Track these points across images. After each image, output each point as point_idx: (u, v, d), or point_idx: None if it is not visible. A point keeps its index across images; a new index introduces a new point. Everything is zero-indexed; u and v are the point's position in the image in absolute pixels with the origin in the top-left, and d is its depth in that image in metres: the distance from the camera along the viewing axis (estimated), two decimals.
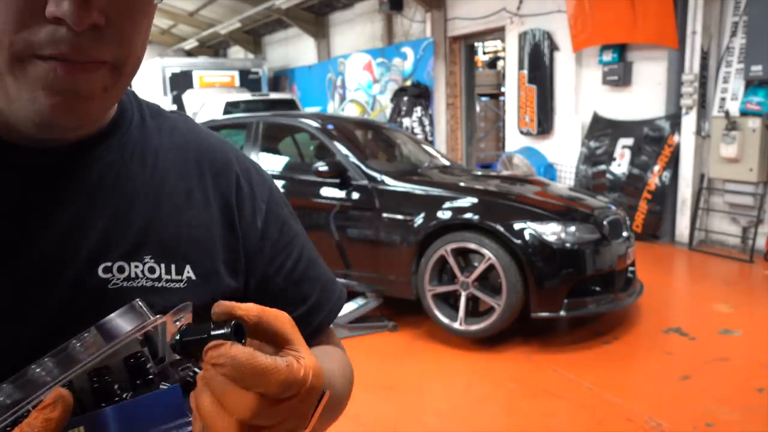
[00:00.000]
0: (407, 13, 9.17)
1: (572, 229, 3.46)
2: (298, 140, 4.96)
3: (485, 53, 11.53)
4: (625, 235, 3.71)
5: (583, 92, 6.73)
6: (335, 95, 11.19)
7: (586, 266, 3.45)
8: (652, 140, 5.95)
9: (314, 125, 4.49)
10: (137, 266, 0.58)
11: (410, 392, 3.11)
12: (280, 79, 13.52)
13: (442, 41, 8.56)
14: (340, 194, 4.00)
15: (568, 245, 3.41)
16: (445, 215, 3.62)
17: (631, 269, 3.79)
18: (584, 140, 6.64)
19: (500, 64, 10.62)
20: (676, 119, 5.75)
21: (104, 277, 0.56)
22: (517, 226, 3.43)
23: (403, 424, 2.78)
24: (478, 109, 9.75)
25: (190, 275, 0.61)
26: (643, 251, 4.99)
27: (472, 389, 3.11)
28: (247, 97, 9.95)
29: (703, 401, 2.86)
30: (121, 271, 0.57)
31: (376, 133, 5.29)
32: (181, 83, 11.67)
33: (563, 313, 3.40)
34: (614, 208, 3.90)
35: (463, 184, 3.93)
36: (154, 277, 0.58)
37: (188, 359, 0.43)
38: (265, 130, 4.70)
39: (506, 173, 5.46)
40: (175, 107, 11.47)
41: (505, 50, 8.03)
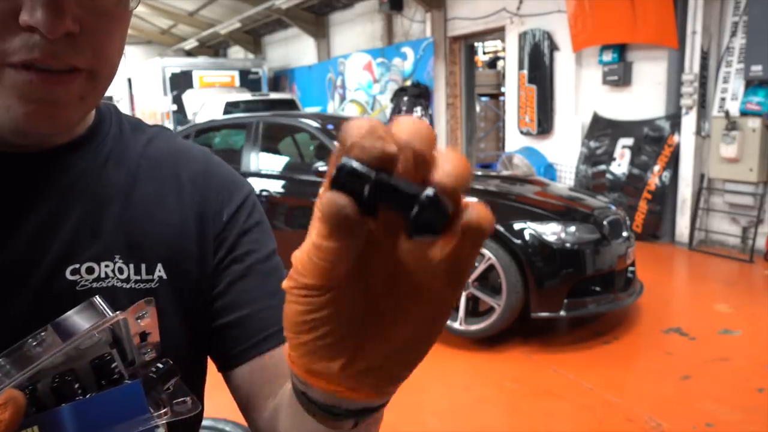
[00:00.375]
0: (407, 13, 9.17)
1: (572, 229, 3.46)
2: (298, 140, 4.96)
3: (485, 53, 11.53)
4: (625, 235, 3.71)
5: (583, 92, 6.72)
6: (335, 95, 11.19)
7: (586, 266, 3.45)
8: (652, 140, 5.94)
9: (314, 125, 4.48)
10: (107, 266, 0.57)
11: (410, 392, 3.10)
12: (280, 79, 13.52)
13: (442, 41, 8.56)
14: None
15: (568, 245, 3.41)
16: None
17: (631, 269, 3.78)
18: (584, 140, 6.64)
19: (500, 64, 10.62)
20: (676, 119, 5.75)
21: (72, 278, 0.55)
22: (517, 226, 3.43)
23: (402, 424, 2.78)
24: (478, 109, 9.75)
25: (161, 274, 0.60)
26: (643, 251, 4.99)
27: (472, 389, 3.11)
28: (247, 97, 9.96)
29: (703, 401, 2.86)
30: (90, 272, 0.56)
31: None
32: (181, 83, 11.67)
33: (563, 313, 3.40)
34: (614, 208, 3.89)
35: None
36: (123, 277, 0.58)
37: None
38: (265, 130, 4.70)
39: (506, 173, 5.46)
40: (175, 107, 11.49)
41: (505, 50, 8.03)
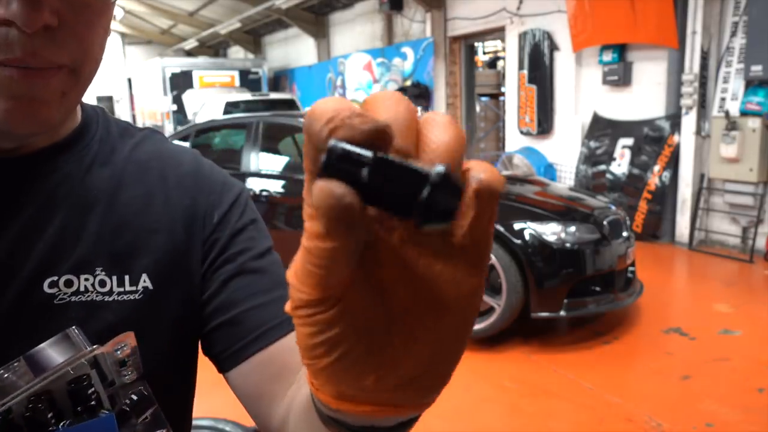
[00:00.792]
0: (407, 13, 9.16)
1: (572, 229, 3.46)
2: (298, 140, 4.96)
3: (485, 53, 11.53)
4: (625, 235, 3.71)
5: (583, 92, 6.72)
6: (335, 95, 11.19)
7: (586, 266, 3.45)
8: (652, 140, 5.94)
9: None
10: (87, 279, 0.54)
11: None
12: (280, 79, 13.53)
13: (442, 41, 8.56)
14: None
15: (568, 245, 3.41)
16: None
17: (631, 269, 3.78)
18: (584, 140, 6.64)
19: (500, 64, 10.61)
20: (676, 119, 5.75)
21: (50, 291, 0.53)
22: (517, 226, 3.43)
23: None
24: (478, 109, 9.75)
25: (146, 285, 0.57)
26: (643, 251, 4.99)
27: (472, 389, 3.11)
28: (247, 97, 9.96)
29: (703, 401, 2.86)
30: (68, 284, 0.54)
31: None
32: (181, 83, 11.68)
33: (563, 313, 3.40)
34: (614, 208, 3.89)
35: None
36: (104, 290, 0.55)
37: None
38: (264, 130, 4.70)
39: (506, 173, 5.46)
40: (174, 107, 11.49)
41: (505, 50, 8.03)
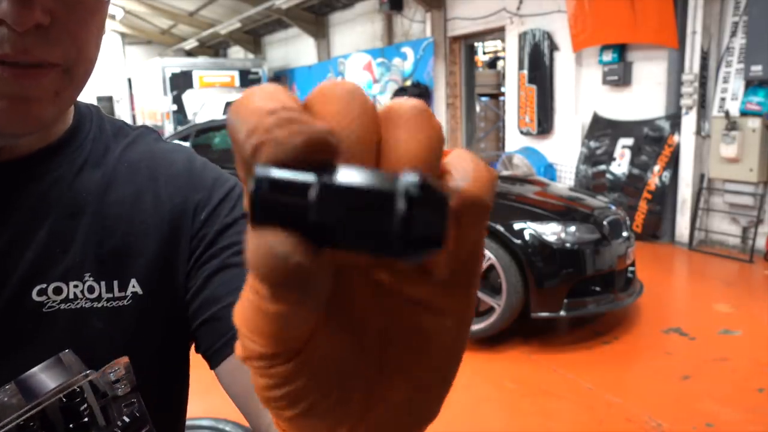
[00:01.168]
0: (407, 13, 9.16)
1: (572, 229, 3.46)
2: None
3: (485, 53, 11.53)
4: (625, 235, 3.71)
5: (583, 92, 6.72)
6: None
7: (586, 266, 3.45)
8: (652, 140, 5.94)
9: None
10: (77, 286, 0.53)
11: None
12: (280, 79, 13.52)
13: (442, 41, 8.56)
14: None
15: (568, 245, 3.41)
16: None
17: (631, 269, 3.78)
18: (584, 140, 6.64)
19: (500, 64, 10.62)
20: (676, 119, 5.75)
21: (39, 300, 0.52)
22: (517, 226, 3.43)
23: None
24: (478, 109, 9.75)
25: (135, 290, 0.56)
26: (643, 251, 4.99)
27: (472, 389, 3.11)
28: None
29: (703, 401, 2.86)
30: (57, 292, 0.52)
31: None
32: (181, 83, 11.68)
33: (563, 313, 3.40)
34: (614, 208, 3.89)
35: None
36: (93, 296, 0.54)
37: None
38: None
39: (506, 173, 5.46)
40: (174, 107, 11.49)
41: (505, 50, 8.03)
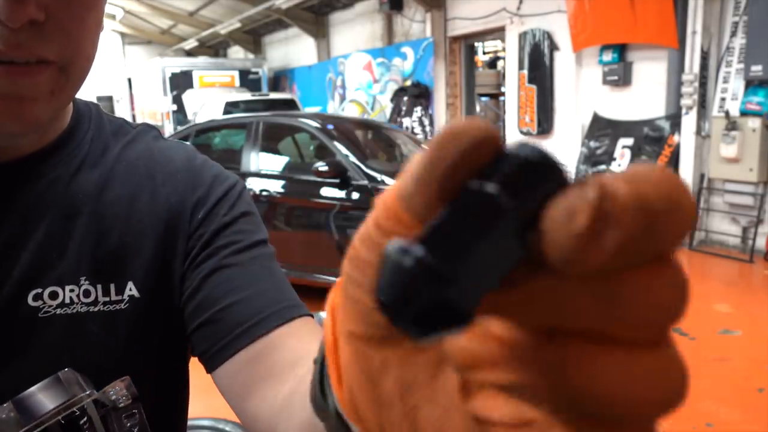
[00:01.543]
0: (407, 13, 9.17)
1: None
2: (298, 140, 4.96)
3: (485, 53, 11.53)
4: None
5: (583, 92, 6.72)
6: (335, 95, 11.20)
7: None
8: (652, 140, 5.94)
9: (314, 125, 4.49)
10: (73, 290, 0.52)
11: None
12: (280, 79, 13.53)
13: (442, 41, 8.56)
14: (340, 194, 4.00)
15: None
16: None
17: None
18: (584, 140, 6.64)
19: (500, 64, 10.62)
20: (676, 119, 5.75)
21: (34, 305, 0.51)
22: None
23: None
24: (478, 109, 9.75)
25: (132, 293, 0.55)
26: None
27: None
28: (247, 97, 9.96)
29: (703, 401, 2.86)
30: (53, 297, 0.52)
31: (376, 133, 5.29)
32: (181, 83, 11.68)
33: None
34: None
35: None
36: (89, 301, 0.53)
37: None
38: (265, 130, 4.70)
39: None
40: (174, 107, 11.50)
41: (505, 50, 8.04)
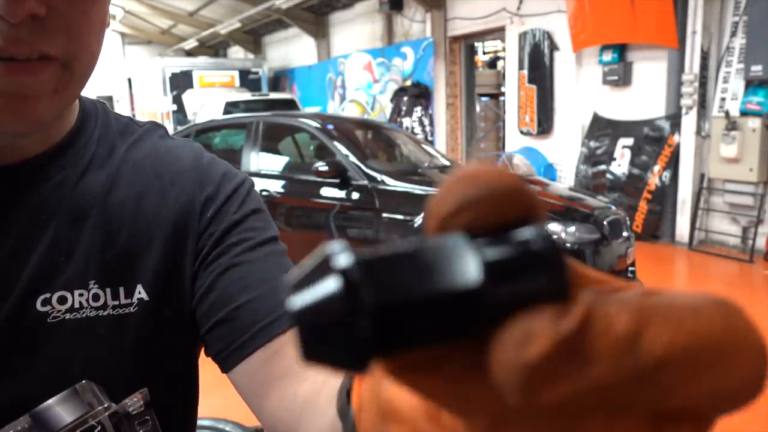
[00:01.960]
0: (407, 13, 9.17)
1: (572, 229, 3.46)
2: (298, 140, 4.96)
3: (485, 53, 11.53)
4: (625, 235, 3.71)
5: (583, 92, 6.72)
6: (335, 95, 11.20)
7: (585, 266, 3.44)
8: (652, 140, 5.94)
9: (314, 125, 4.49)
10: (81, 294, 0.52)
11: None
12: (280, 79, 13.53)
13: (442, 41, 8.56)
14: (339, 194, 4.00)
15: (568, 245, 3.41)
16: None
17: (631, 269, 3.78)
18: (584, 140, 6.64)
19: (500, 64, 10.62)
20: (676, 119, 5.75)
21: (43, 310, 0.50)
22: None
23: None
24: (478, 109, 9.75)
25: (141, 296, 0.54)
26: (643, 251, 4.99)
27: None
28: (247, 97, 9.96)
29: None
30: (62, 301, 0.51)
31: (376, 133, 5.29)
32: (181, 83, 11.67)
33: None
34: (614, 208, 3.89)
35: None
36: (98, 305, 0.52)
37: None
38: (265, 130, 4.70)
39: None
40: (174, 107, 11.49)
41: (505, 50, 8.04)
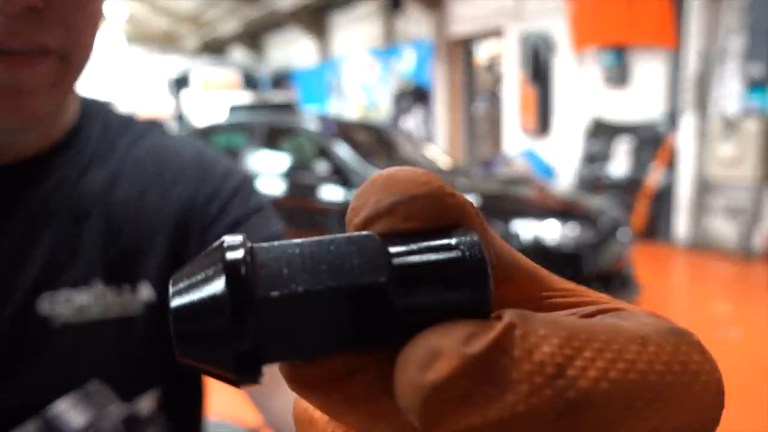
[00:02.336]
0: (407, 13, 9.18)
1: (570, 229, 3.47)
2: (298, 141, 4.97)
3: (484, 54, 11.52)
4: (623, 235, 3.72)
5: (582, 92, 6.73)
6: (335, 96, 11.21)
7: (583, 267, 3.45)
8: (650, 140, 5.95)
9: (314, 126, 4.50)
10: (86, 295, 0.51)
11: None
12: (280, 79, 13.53)
13: (441, 42, 8.57)
14: (340, 195, 4.02)
15: (565, 246, 3.42)
16: None
17: (628, 270, 3.79)
18: (583, 140, 6.65)
19: (500, 64, 10.62)
20: (675, 119, 5.76)
21: (47, 312, 0.50)
22: (514, 226, 3.44)
23: None
24: (477, 109, 9.76)
25: (147, 294, 0.54)
26: (641, 251, 5.00)
27: None
28: (247, 98, 9.98)
29: None
30: (66, 302, 0.50)
31: (376, 134, 5.30)
32: (181, 84, 11.68)
33: None
34: (613, 208, 3.91)
35: (462, 184, 3.94)
36: (103, 305, 0.52)
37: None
38: (265, 131, 4.72)
39: (505, 174, 5.47)
40: (174, 108, 11.50)
41: (504, 50, 8.04)
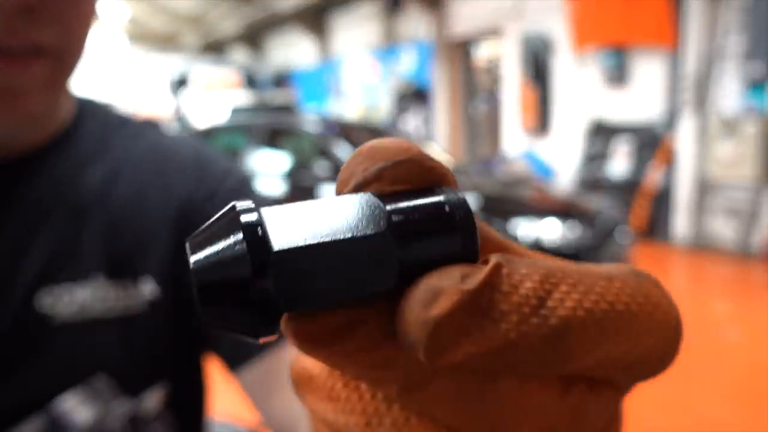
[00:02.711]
0: (407, 13, 9.18)
1: (570, 229, 3.48)
2: (298, 142, 4.97)
3: (484, 54, 11.52)
4: (623, 235, 3.72)
5: (582, 92, 6.73)
6: (335, 96, 11.21)
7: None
8: (650, 140, 5.95)
9: (314, 127, 4.50)
10: (87, 293, 0.51)
11: None
12: (280, 79, 13.54)
13: (441, 41, 8.57)
14: None
15: (566, 246, 3.42)
16: None
17: None
18: (583, 140, 6.65)
19: (500, 64, 10.62)
20: (674, 119, 5.76)
21: (47, 309, 0.49)
22: (514, 226, 3.44)
23: None
24: (478, 109, 9.76)
25: (149, 291, 0.54)
26: (641, 251, 5.00)
27: None
28: (247, 98, 9.98)
29: (701, 401, 2.87)
30: (66, 300, 0.50)
31: (375, 133, 5.30)
32: (181, 84, 11.69)
33: None
34: (612, 208, 3.91)
35: (462, 183, 3.95)
36: (105, 302, 0.51)
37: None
38: (265, 132, 4.72)
39: (505, 174, 5.47)
40: (175, 109, 11.51)
41: (504, 50, 8.04)
